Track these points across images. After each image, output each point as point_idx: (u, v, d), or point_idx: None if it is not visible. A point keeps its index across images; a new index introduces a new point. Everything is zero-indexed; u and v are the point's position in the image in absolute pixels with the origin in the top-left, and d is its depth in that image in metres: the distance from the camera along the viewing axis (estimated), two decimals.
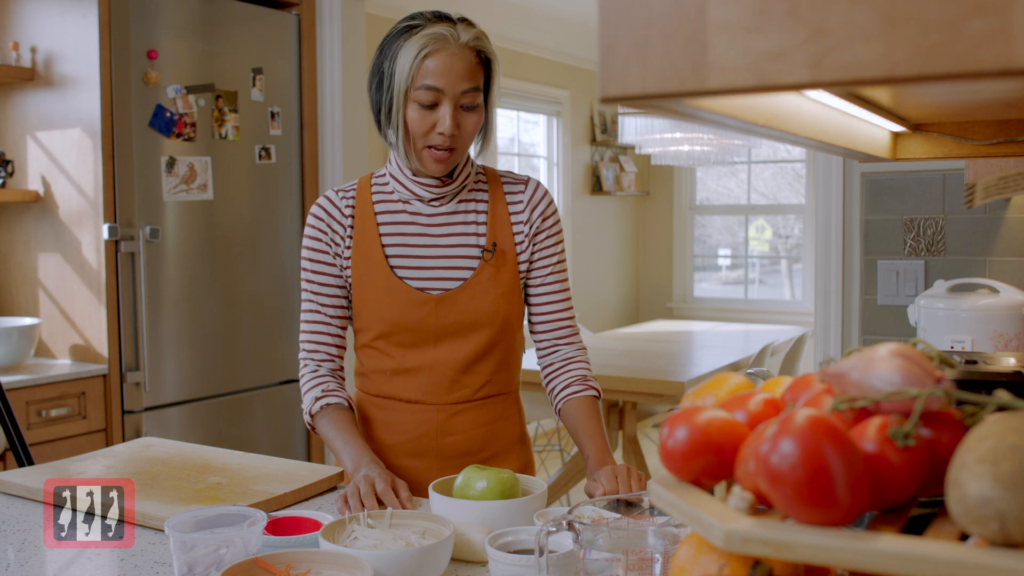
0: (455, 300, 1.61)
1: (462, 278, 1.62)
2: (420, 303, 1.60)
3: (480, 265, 1.63)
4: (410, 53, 1.51)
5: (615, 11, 0.62)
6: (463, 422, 1.64)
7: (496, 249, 1.63)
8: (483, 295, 1.62)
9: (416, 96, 1.52)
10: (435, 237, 1.64)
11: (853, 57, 0.55)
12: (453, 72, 1.51)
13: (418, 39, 1.51)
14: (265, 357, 3.52)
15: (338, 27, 3.66)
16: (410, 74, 1.51)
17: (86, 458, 1.71)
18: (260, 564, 1.09)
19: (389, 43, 1.56)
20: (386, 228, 1.64)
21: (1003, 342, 2.18)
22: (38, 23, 3.10)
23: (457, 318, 1.61)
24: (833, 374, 0.75)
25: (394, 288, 1.61)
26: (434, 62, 1.51)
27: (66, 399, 2.93)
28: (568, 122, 6.52)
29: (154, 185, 3.13)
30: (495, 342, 1.64)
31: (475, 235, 1.64)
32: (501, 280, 1.64)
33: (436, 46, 1.51)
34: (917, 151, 1.40)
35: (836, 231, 2.79)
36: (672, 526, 0.97)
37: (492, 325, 1.63)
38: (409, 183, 1.63)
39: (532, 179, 1.71)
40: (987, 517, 0.59)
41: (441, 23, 1.53)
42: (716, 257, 7.52)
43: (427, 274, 1.62)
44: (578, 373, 1.68)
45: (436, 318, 1.61)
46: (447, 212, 1.65)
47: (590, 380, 1.68)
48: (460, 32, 1.53)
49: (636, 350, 4.66)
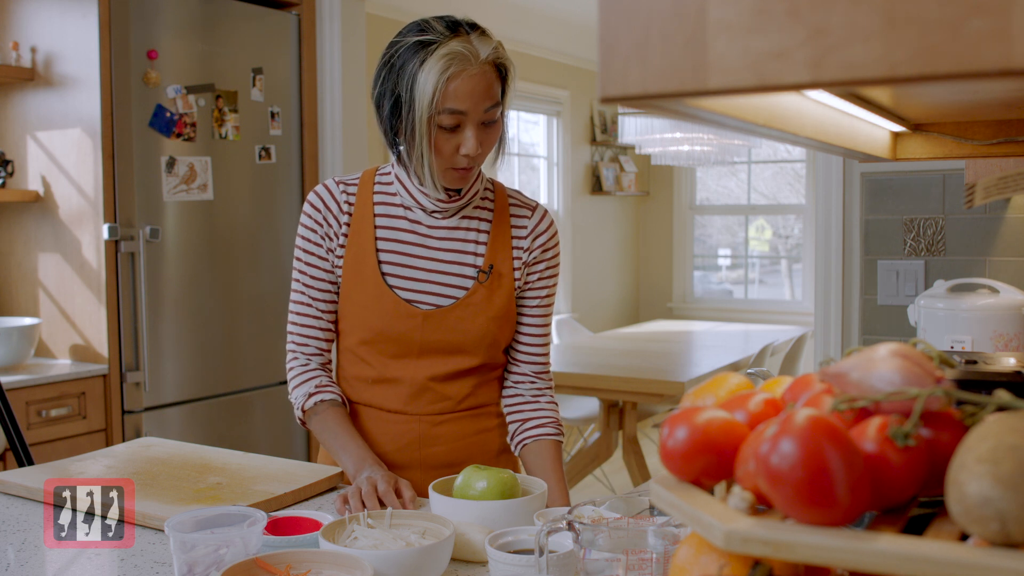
0: (443, 318, 1.57)
1: (454, 296, 1.58)
2: (407, 316, 1.56)
3: (474, 286, 1.59)
4: (431, 78, 1.42)
5: (615, 11, 0.62)
6: (446, 433, 1.61)
7: (492, 272, 1.59)
8: (473, 317, 1.58)
9: (438, 120, 1.45)
10: (432, 250, 1.59)
11: (853, 57, 0.55)
12: (476, 93, 1.45)
13: (438, 61, 1.43)
14: (265, 357, 3.52)
15: (338, 27, 3.66)
16: (433, 100, 1.43)
17: (86, 458, 1.71)
18: (260, 564, 1.09)
19: (402, 62, 1.46)
20: (383, 232, 1.59)
21: (1003, 342, 2.18)
22: (38, 23, 3.10)
23: (443, 336, 1.58)
24: (833, 374, 0.75)
25: (383, 297, 1.57)
26: (456, 84, 1.43)
27: (66, 399, 2.93)
28: (568, 122, 6.52)
29: (154, 185, 3.13)
30: (480, 362, 1.61)
31: (473, 254, 1.60)
32: (494, 304, 1.59)
33: (458, 67, 1.43)
34: (917, 151, 1.40)
35: (836, 231, 2.79)
36: (672, 526, 0.97)
37: (479, 348, 1.60)
38: (415, 192, 1.57)
39: (540, 206, 1.67)
40: (987, 517, 0.59)
41: (456, 37, 1.44)
42: (716, 257, 7.52)
43: (419, 287, 1.58)
44: (551, 415, 1.66)
45: (422, 333, 1.57)
46: (448, 227, 1.60)
47: (560, 425, 1.66)
48: (479, 47, 1.45)
49: (636, 350, 4.66)
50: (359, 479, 1.45)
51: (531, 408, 1.66)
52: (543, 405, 1.67)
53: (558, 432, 1.65)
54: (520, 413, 1.66)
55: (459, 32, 1.46)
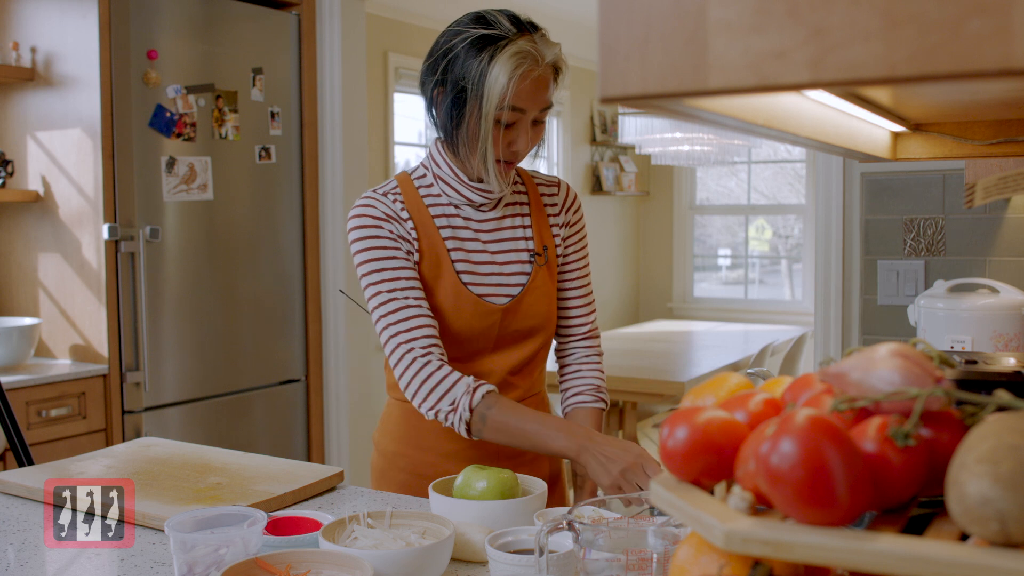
0: (518, 308, 1.59)
1: (520, 283, 1.61)
2: (487, 313, 1.57)
3: (534, 270, 1.62)
4: (503, 75, 1.43)
5: (615, 11, 0.62)
6: None
7: (546, 252, 1.64)
8: (540, 300, 1.62)
9: (499, 116, 1.46)
10: (488, 243, 1.60)
11: (853, 57, 0.55)
12: (538, 94, 1.47)
13: (510, 58, 1.43)
14: (265, 357, 3.52)
15: (338, 27, 3.66)
16: (506, 96, 1.43)
17: (86, 458, 1.71)
18: (260, 564, 1.09)
19: (468, 54, 1.46)
20: (446, 232, 1.57)
21: (1003, 342, 2.18)
22: (38, 23, 3.10)
23: (519, 325, 1.60)
24: (833, 374, 0.75)
25: (461, 297, 1.55)
26: (524, 84, 1.45)
27: (66, 399, 2.93)
28: (568, 122, 6.52)
29: (154, 185, 3.13)
30: (545, 343, 1.66)
31: (524, 239, 1.63)
32: (551, 283, 1.65)
33: (527, 67, 1.44)
34: (917, 151, 1.40)
35: (836, 231, 2.79)
36: (672, 526, 0.97)
37: (547, 329, 1.64)
38: (463, 188, 1.57)
39: (562, 181, 1.72)
40: (987, 517, 0.59)
41: (523, 36, 1.46)
42: (716, 257, 7.52)
43: (487, 280, 1.59)
44: (592, 382, 1.69)
45: (500, 327, 1.59)
46: (496, 217, 1.62)
47: (602, 392, 1.69)
48: (543, 49, 1.47)
49: (636, 350, 4.66)
50: (626, 463, 1.37)
51: (575, 376, 1.70)
52: (586, 372, 1.70)
53: (596, 399, 1.68)
54: (567, 381, 1.71)
55: (524, 31, 1.47)
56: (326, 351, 3.70)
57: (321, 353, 3.71)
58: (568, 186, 1.72)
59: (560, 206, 1.68)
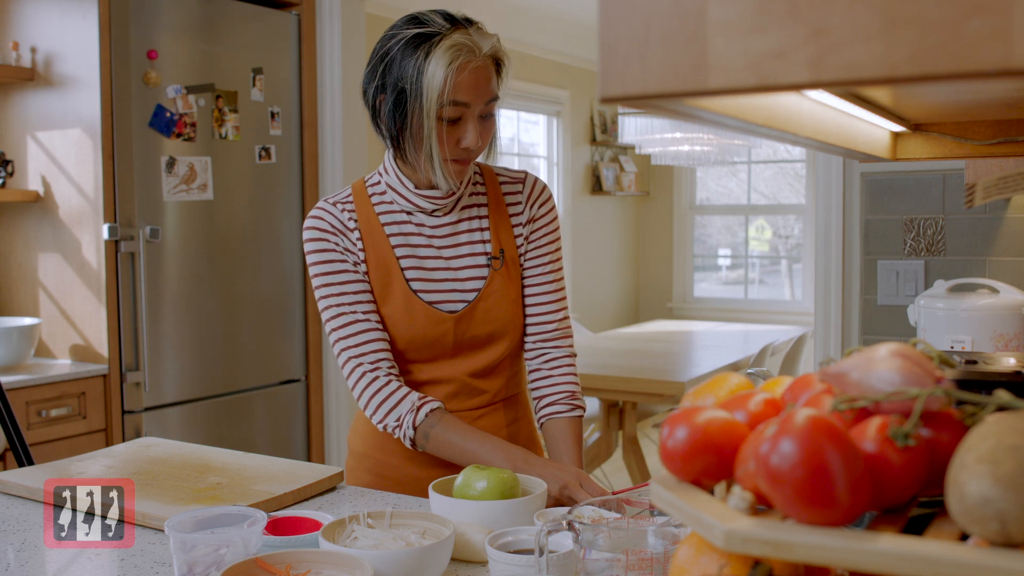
0: (472, 315, 1.57)
1: (475, 289, 1.58)
2: (438, 322, 1.56)
3: (490, 274, 1.59)
4: (439, 69, 1.42)
5: (615, 11, 0.62)
6: (484, 427, 1.60)
7: (504, 255, 1.59)
8: (497, 306, 1.58)
9: (441, 112, 1.44)
10: (441, 248, 1.58)
11: (853, 57, 0.55)
12: (479, 86, 1.45)
13: (445, 52, 1.42)
14: (265, 357, 3.52)
15: (338, 27, 3.66)
16: (444, 90, 1.42)
17: (86, 458, 1.71)
18: (260, 564, 1.09)
19: (404, 54, 1.45)
20: (396, 240, 1.57)
21: (1003, 342, 2.18)
22: (38, 23, 3.10)
23: (476, 332, 1.58)
24: (833, 374, 0.75)
25: (412, 305, 1.55)
26: (463, 76, 1.43)
27: (66, 399, 2.93)
28: (568, 122, 6.52)
29: (154, 185, 3.13)
30: (510, 348, 1.62)
31: (480, 242, 1.60)
32: (512, 287, 1.60)
33: (465, 59, 1.43)
34: (917, 151, 1.40)
35: (836, 231, 2.79)
36: (672, 526, 0.97)
37: (509, 334, 1.60)
38: (411, 195, 1.56)
39: (530, 175, 1.66)
40: (987, 517, 0.59)
41: (457, 30, 1.44)
42: (716, 257, 7.52)
43: (439, 287, 1.57)
44: (564, 388, 1.63)
45: (455, 335, 1.57)
46: (451, 222, 1.59)
47: (576, 398, 1.63)
48: (480, 41, 1.45)
49: (636, 350, 4.65)
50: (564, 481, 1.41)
51: (546, 384, 1.64)
52: (557, 378, 1.64)
53: (571, 407, 1.62)
54: (538, 390, 1.65)
55: (458, 25, 1.46)
56: (326, 351, 3.70)
57: (321, 353, 3.71)
58: (536, 179, 1.66)
59: (524, 203, 1.63)
